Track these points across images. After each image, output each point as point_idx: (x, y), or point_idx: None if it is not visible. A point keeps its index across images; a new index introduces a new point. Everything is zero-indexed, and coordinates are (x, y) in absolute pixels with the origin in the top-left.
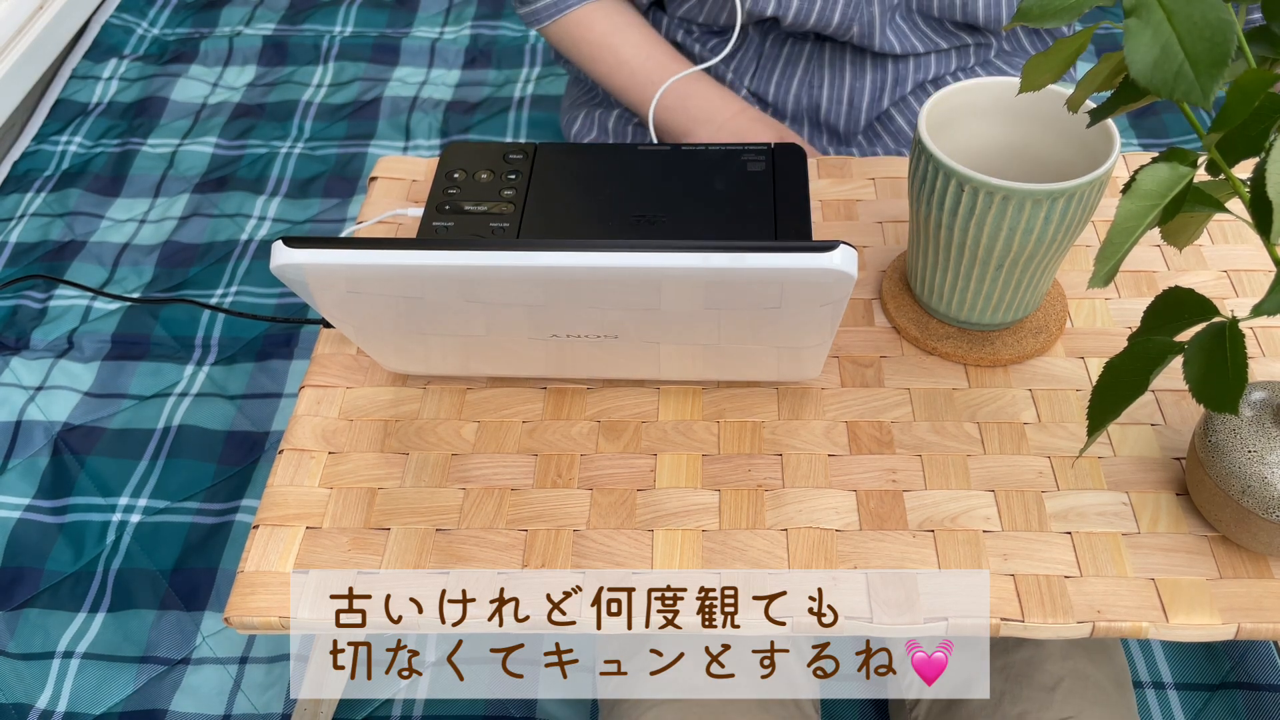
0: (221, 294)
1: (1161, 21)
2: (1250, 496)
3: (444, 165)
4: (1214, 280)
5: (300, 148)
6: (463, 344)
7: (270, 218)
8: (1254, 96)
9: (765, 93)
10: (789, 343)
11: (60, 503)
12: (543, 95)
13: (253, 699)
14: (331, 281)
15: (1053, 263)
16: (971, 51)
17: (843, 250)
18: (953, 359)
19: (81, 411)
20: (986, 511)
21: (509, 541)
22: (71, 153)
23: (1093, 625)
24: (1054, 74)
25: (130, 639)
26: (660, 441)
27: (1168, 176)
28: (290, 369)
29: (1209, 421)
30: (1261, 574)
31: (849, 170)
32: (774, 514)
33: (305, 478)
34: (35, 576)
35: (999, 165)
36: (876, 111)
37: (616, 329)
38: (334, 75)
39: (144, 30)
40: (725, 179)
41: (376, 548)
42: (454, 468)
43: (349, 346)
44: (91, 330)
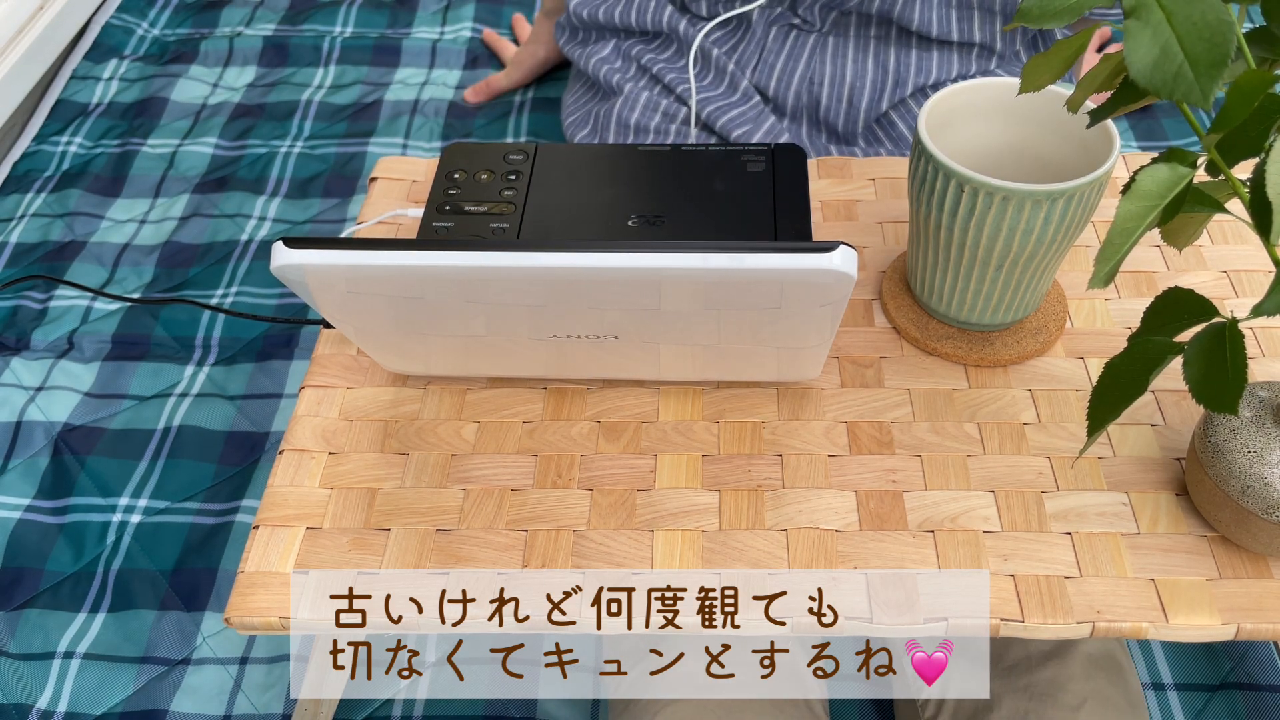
0: (222, 294)
1: (1161, 22)
2: (1250, 497)
3: (444, 165)
4: (1214, 280)
5: (300, 147)
6: (463, 344)
7: (270, 218)
8: (1254, 97)
9: (766, 86)
10: (789, 343)
11: (60, 503)
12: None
13: (253, 699)
14: (331, 282)
15: (1053, 263)
16: (973, 59)
17: (842, 250)
18: (953, 359)
19: (82, 412)
20: (986, 512)
21: (509, 542)
22: (72, 153)
23: (1092, 625)
24: (1054, 74)
25: (130, 639)
26: (660, 442)
27: (1167, 177)
28: (290, 369)
29: (1209, 422)
30: (1261, 574)
31: (849, 170)
32: (774, 514)
33: (305, 478)
34: (35, 577)
35: (999, 165)
36: (875, 113)
37: (616, 329)
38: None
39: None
40: (725, 179)
41: (376, 548)
42: (454, 468)
43: (349, 347)
44: (92, 331)
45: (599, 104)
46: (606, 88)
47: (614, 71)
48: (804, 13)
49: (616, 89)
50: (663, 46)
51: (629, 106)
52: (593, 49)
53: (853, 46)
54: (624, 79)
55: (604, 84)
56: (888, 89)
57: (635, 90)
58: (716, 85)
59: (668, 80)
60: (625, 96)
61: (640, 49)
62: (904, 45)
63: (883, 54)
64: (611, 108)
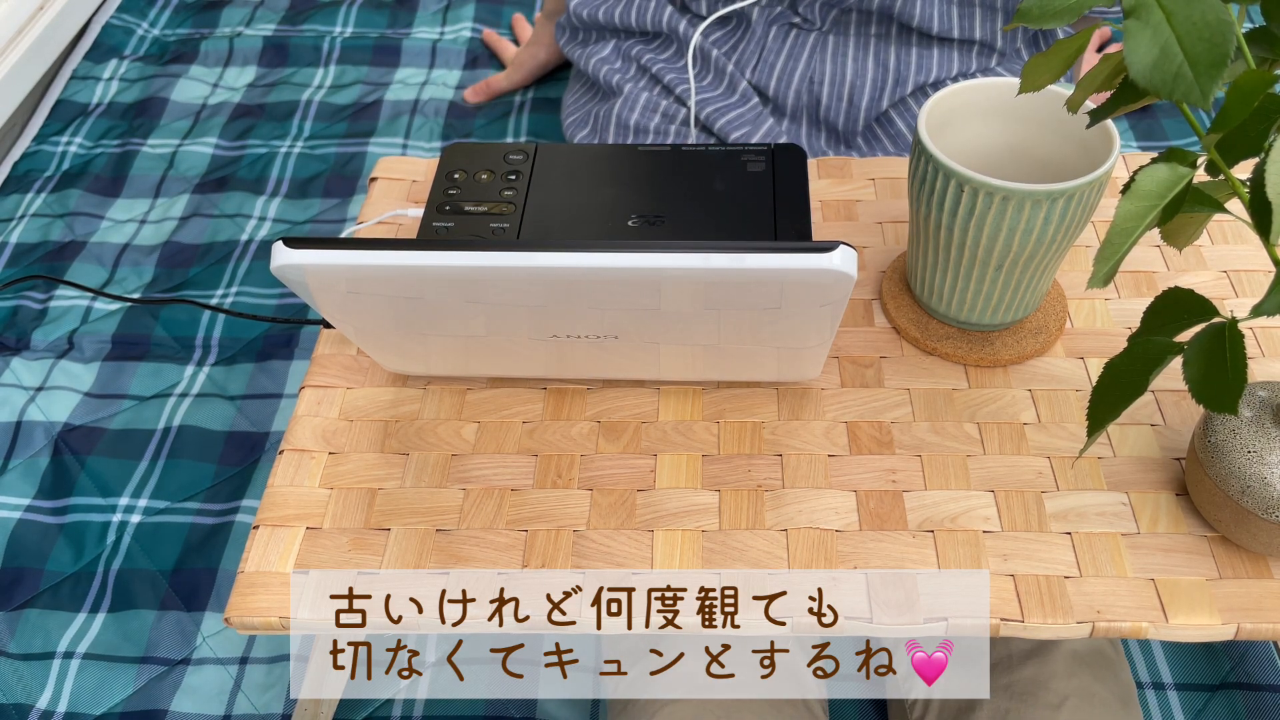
0: (222, 294)
1: (1161, 22)
2: (1250, 497)
3: (444, 166)
4: (1214, 280)
5: (300, 147)
6: (463, 344)
7: (270, 218)
8: (1253, 97)
9: (766, 86)
10: (789, 343)
11: (60, 503)
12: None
13: (253, 699)
14: (331, 282)
15: (1052, 263)
16: (973, 58)
17: (842, 250)
18: (953, 359)
19: (82, 412)
20: (986, 512)
21: (509, 542)
22: (72, 153)
23: (1092, 625)
24: (1054, 74)
25: (130, 639)
26: (660, 442)
27: (1167, 177)
28: (290, 369)
29: (1209, 422)
30: (1261, 574)
31: (849, 170)
32: (774, 514)
33: (305, 478)
34: (35, 577)
35: (999, 165)
36: (875, 112)
37: (616, 329)
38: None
39: (144, 31)
40: (725, 179)
41: (376, 548)
42: (454, 468)
43: (349, 347)
44: (92, 331)
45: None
46: (606, 88)
47: (614, 72)
48: (804, 11)
49: (616, 89)
50: (663, 47)
51: (629, 107)
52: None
53: (853, 45)
54: (624, 79)
55: (604, 84)
56: (888, 87)
57: (635, 91)
58: (716, 86)
59: (667, 81)
60: (625, 97)
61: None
62: (904, 43)
63: (883, 52)
64: (611, 108)
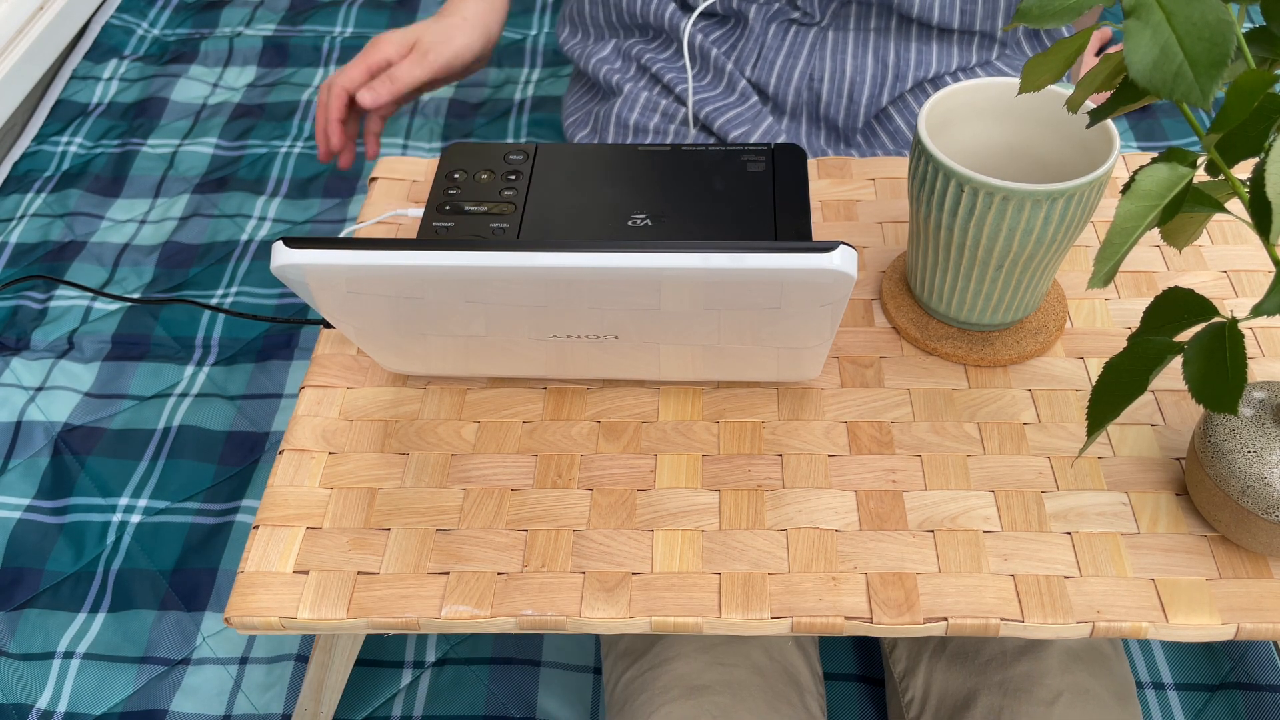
0: (222, 294)
1: (1161, 22)
2: (1250, 497)
3: (444, 165)
4: (1214, 280)
5: (300, 147)
6: (463, 344)
7: (270, 218)
8: (1253, 97)
9: (766, 84)
10: (789, 343)
11: (60, 503)
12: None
13: (253, 699)
14: (332, 282)
15: (1052, 263)
16: (974, 51)
17: (842, 250)
18: (953, 359)
19: (82, 412)
20: (986, 512)
21: (509, 542)
22: (72, 153)
23: (1092, 625)
24: (1054, 74)
25: (130, 639)
26: (660, 442)
27: (1167, 177)
28: (290, 369)
29: (1209, 422)
30: (1261, 574)
31: (849, 170)
32: (774, 514)
33: (305, 478)
34: (35, 577)
35: (999, 165)
36: (875, 108)
37: (616, 329)
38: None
39: (144, 31)
40: (725, 179)
41: (377, 548)
42: (454, 468)
43: (349, 347)
44: (92, 331)
45: (599, 104)
46: (606, 88)
47: (614, 71)
48: (804, 4)
49: (616, 89)
50: (663, 46)
51: (628, 106)
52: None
53: (853, 40)
54: (624, 79)
55: (604, 84)
56: (888, 83)
57: (635, 90)
58: (715, 85)
59: (667, 80)
60: (625, 96)
61: (640, 48)
62: (904, 37)
63: (883, 47)
64: (611, 108)
